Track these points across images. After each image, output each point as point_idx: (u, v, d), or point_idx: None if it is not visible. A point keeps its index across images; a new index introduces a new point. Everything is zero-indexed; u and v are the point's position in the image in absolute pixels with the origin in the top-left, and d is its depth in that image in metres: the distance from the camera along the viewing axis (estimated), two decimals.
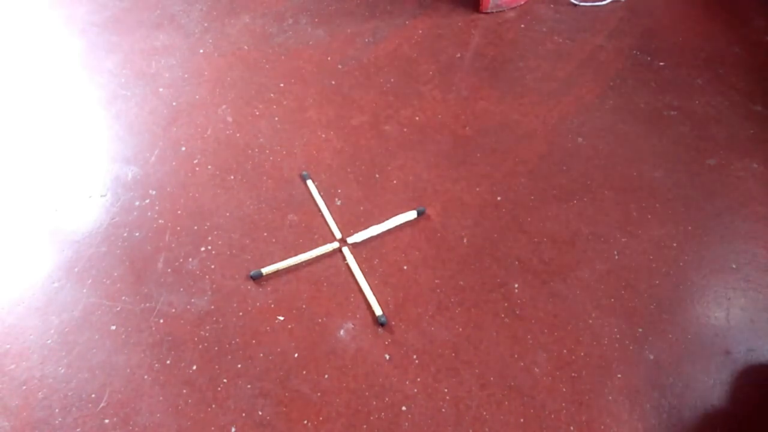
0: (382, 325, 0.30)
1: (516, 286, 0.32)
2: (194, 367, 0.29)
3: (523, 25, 0.50)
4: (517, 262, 0.33)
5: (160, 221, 0.35)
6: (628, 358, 0.29)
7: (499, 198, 0.36)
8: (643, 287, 0.32)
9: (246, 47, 0.48)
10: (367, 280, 0.32)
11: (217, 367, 0.29)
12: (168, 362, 0.29)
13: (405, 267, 0.33)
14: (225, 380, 0.28)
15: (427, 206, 0.36)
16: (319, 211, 0.36)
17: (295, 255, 0.33)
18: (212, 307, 0.31)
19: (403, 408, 0.28)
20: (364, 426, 0.27)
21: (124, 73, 0.46)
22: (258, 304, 0.31)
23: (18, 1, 0.54)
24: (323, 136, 0.41)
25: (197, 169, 0.38)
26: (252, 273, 0.32)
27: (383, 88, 0.44)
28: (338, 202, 0.36)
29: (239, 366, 0.29)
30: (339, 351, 0.30)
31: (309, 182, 0.37)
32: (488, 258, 0.33)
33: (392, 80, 0.45)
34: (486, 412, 0.28)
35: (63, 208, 0.37)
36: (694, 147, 0.40)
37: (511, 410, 0.28)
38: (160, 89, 0.44)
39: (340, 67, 0.46)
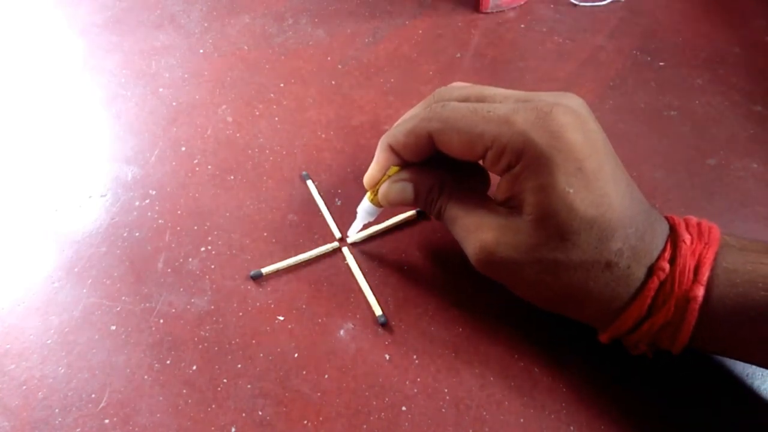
0: (382, 325, 0.30)
1: None
2: (194, 367, 0.29)
3: (523, 25, 0.50)
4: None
5: (160, 221, 0.35)
6: (629, 358, 0.29)
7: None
8: None
9: (246, 47, 0.48)
10: (367, 280, 0.32)
11: (217, 367, 0.29)
12: (168, 362, 0.29)
13: (405, 267, 0.33)
14: (225, 380, 0.28)
15: None
16: (319, 211, 0.36)
17: (295, 255, 0.33)
18: (212, 307, 0.31)
19: (403, 408, 0.28)
20: (364, 426, 0.27)
21: (124, 73, 0.46)
22: (258, 304, 0.31)
23: (19, 2, 0.54)
24: (323, 136, 0.41)
25: (197, 169, 0.38)
26: (252, 273, 0.32)
27: (383, 88, 0.44)
28: (338, 202, 0.36)
29: (239, 366, 0.29)
30: (339, 351, 0.30)
31: (309, 182, 0.37)
32: None
33: (392, 80, 0.45)
34: (486, 412, 0.27)
35: (63, 208, 0.37)
36: (694, 147, 0.40)
37: (511, 410, 0.27)
38: (160, 89, 0.44)
39: (340, 67, 0.46)
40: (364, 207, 0.31)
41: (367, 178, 0.30)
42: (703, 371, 0.29)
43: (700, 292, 0.23)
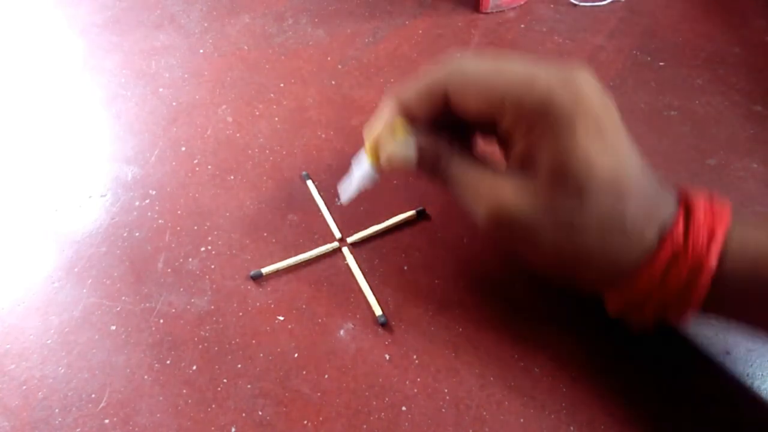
0: (382, 325, 0.30)
1: (516, 286, 0.32)
2: (194, 367, 0.29)
3: (523, 25, 0.50)
4: (517, 263, 0.33)
5: (160, 221, 0.35)
6: (629, 358, 0.29)
7: None
8: None
9: (246, 47, 0.48)
10: (367, 280, 0.32)
11: (217, 367, 0.29)
12: (168, 362, 0.29)
13: (405, 267, 0.33)
14: (225, 380, 0.28)
15: (427, 206, 0.36)
16: (319, 211, 0.36)
17: (295, 255, 0.33)
18: (212, 307, 0.31)
19: (403, 408, 0.28)
20: (364, 426, 0.27)
21: (124, 73, 0.46)
22: (258, 304, 0.31)
23: (19, 2, 0.54)
24: (323, 136, 0.41)
25: (197, 169, 0.38)
26: (252, 273, 0.32)
27: (383, 88, 0.44)
28: (338, 202, 0.36)
29: (239, 366, 0.29)
30: (339, 351, 0.30)
31: (309, 182, 0.37)
32: (489, 257, 0.33)
33: (392, 80, 0.45)
34: (486, 412, 0.27)
35: (63, 208, 0.37)
36: (694, 147, 0.40)
37: (511, 410, 0.27)
38: (160, 89, 0.44)
39: (340, 67, 0.46)
40: (364, 169, 0.29)
41: (371, 130, 0.29)
42: (704, 372, 0.29)
43: (714, 259, 0.23)
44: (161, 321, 0.31)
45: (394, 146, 0.28)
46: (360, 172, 0.30)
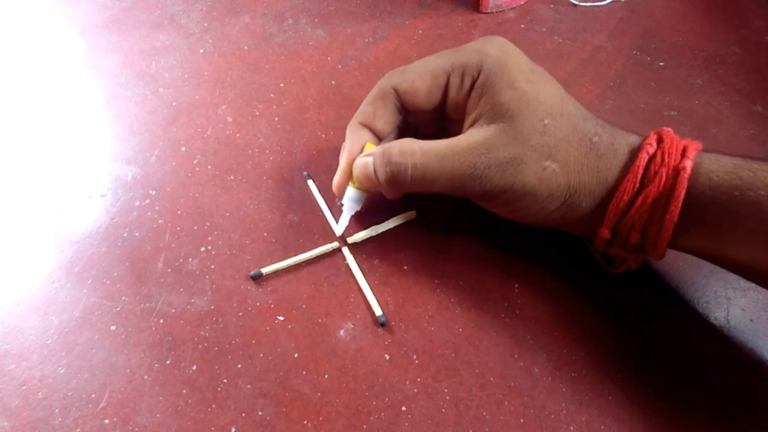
0: (382, 325, 0.30)
1: (516, 286, 0.32)
2: (194, 367, 0.29)
3: (523, 25, 0.50)
4: (516, 263, 0.33)
5: (160, 221, 0.35)
6: (629, 358, 0.29)
7: None
8: (644, 287, 0.32)
9: (246, 47, 0.48)
10: (367, 280, 0.32)
11: (217, 367, 0.29)
12: (168, 362, 0.29)
13: (405, 267, 0.33)
14: (225, 380, 0.28)
15: (426, 206, 0.36)
16: (319, 211, 0.36)
17: (295, 255, 0.33)
18: (212, 307, 0.31)
19: (403, 408, 0.28)
20: (364, 426, 0.27)
21: (124, 73, 0.46)
22: (258, 304, 0.31)
23: (19, 2, 0.54)
24: (323, 136, 0.41)
25: (197, 169, 0.38)
26: (252, 273, 0.32)
27: None
28: (338, 202, 0.36)
29: (239, 366, 0.29)
30: (339, 351, 0.30)
31: (309, 182, 0.37)
32: (489, 258, 0.33)
33: None
34: (486, 412, 0.27)
35: (63, 208, 0.37)
36: None
37: (511, 410, 0.27)
38: (160, 89, 0.44)
39: (340, 67, 0.46)
40: (349, 195, 0.33)
41: (344, 163, 0.32)
42: (703, 371, 0.29)
43: (689, 164, 0.25)
44: (161, 321, 0.31)
45: (354, 163, 0.31)
46: (346, 197, 0.32)
